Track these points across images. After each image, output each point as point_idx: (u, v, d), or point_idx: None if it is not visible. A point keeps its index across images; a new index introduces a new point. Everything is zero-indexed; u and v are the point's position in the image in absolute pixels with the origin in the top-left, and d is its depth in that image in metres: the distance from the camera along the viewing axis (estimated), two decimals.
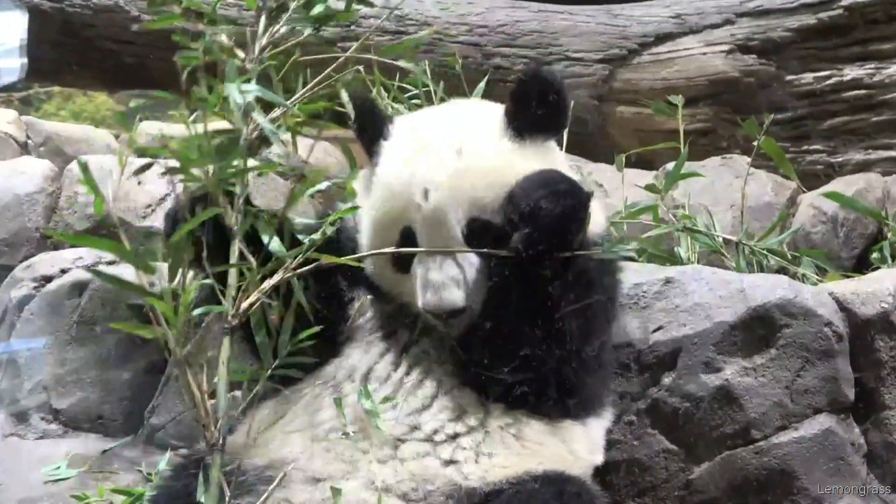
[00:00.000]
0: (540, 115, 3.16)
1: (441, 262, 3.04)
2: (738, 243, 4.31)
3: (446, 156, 3.11)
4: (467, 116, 3.30)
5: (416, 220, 3.09)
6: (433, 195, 3.06)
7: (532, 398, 3.05)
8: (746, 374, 3.56)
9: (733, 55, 6.27)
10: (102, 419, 4.23)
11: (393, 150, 3.24)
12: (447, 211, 3.05)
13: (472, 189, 3.06)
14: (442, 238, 3.06)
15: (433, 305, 3.02)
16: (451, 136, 3.16)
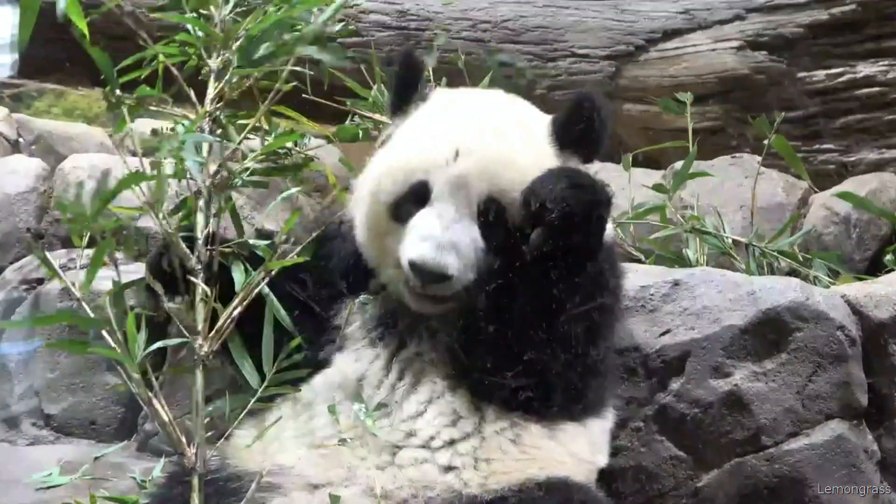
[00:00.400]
0: (582, 137, 3.20)
1: (448, 224, 3.04)
2: (747, 245, 4.31)
3: (487, 131, 3.14)
4: (514, 108, 3.35)
5: (437, 178, 3.08)
6: (463, 159, 3.07)
7: (529, 399, 3.04)
8: (757, 380, 3.56)
9: (743, 51, 6.27)
10: (95, 425, 4.23)
11: (431, 109, 3.27)
12: (471, 179, 3.06)
13: (502, 171, 3.07)
14: (457, 203, 3.06)
15: (424, 259, 2.98)
16: (497, 117, 3.21)
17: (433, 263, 2.97)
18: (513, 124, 3.20)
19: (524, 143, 3.15)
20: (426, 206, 3.08)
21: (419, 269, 2.99)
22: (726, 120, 6.20)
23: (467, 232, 3.03)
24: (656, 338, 3.62)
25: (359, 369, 3.15)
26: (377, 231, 3.19)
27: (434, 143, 3.12)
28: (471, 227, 3.04)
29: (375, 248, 3.21)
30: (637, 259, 4.29)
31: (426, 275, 3.00)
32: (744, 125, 5.96)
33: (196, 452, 2.88)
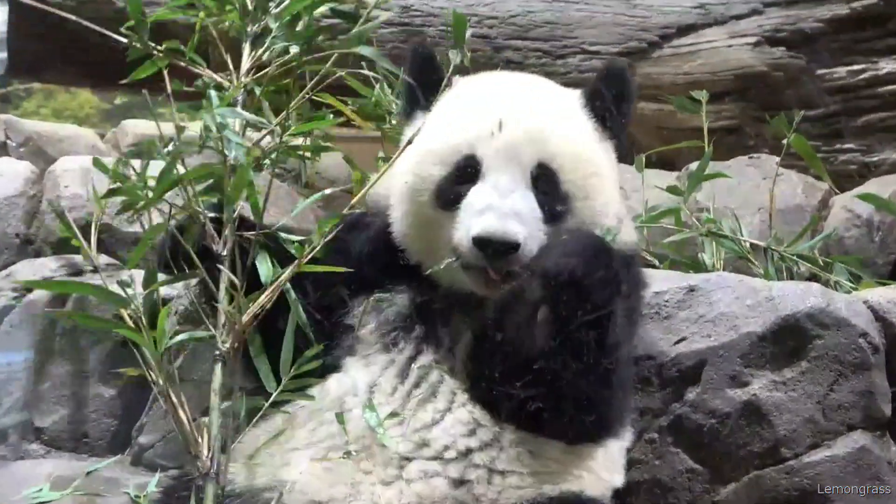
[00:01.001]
0: (611, 111, 3.29)
1: (507, 194, 3.07)
2: (766, 249, 4.31)
3: (525, 101, 3.22)
4: (544, 84, 3.43)
5: (486, 151, 3.13)
6: (509, 128, 3.14)
7: (548, 418, 3.04)
8: (776, 389, 3.56)
9: (761, 47, 6.27)
10: (87, 438, 4.23)
11: (461, 93, 3.31)
12: (521, 146, 3.12)
13: (549, 136, 3.15)
14: (510, 172, 3.11)
15: (491, 230, 2.99)
16: (529, 91, 3.31)
17: (501, 233, 2.99)
18: (547, 96, 3.30)
19: (564, 113, 3.25)
20: (478, 182, 3.12)
21: (487, 242, 3.01)
22: (743, 119, 6.20)
23: (526, 200, 3.08)
24: (671, 346, 3.63)
25: (371, 375, 3.15)
26: (424, 223, 3.21)
27: (476, 116, 3.18)
28: (527, 196, 3.10)
29: (424, 241, 3.22)
30: (651, 264, 4.29)
31: (495, 246, 3.01)
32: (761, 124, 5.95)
33: (211, 457, 2.87)
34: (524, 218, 3.04)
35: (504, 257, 3.01)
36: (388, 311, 3.23)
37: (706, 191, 4.83)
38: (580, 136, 3.22)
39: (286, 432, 3.09)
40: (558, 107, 3.27)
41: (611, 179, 3.29)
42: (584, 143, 3.23)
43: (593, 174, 3.19)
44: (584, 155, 3.20)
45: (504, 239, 2.99)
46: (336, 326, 3.23)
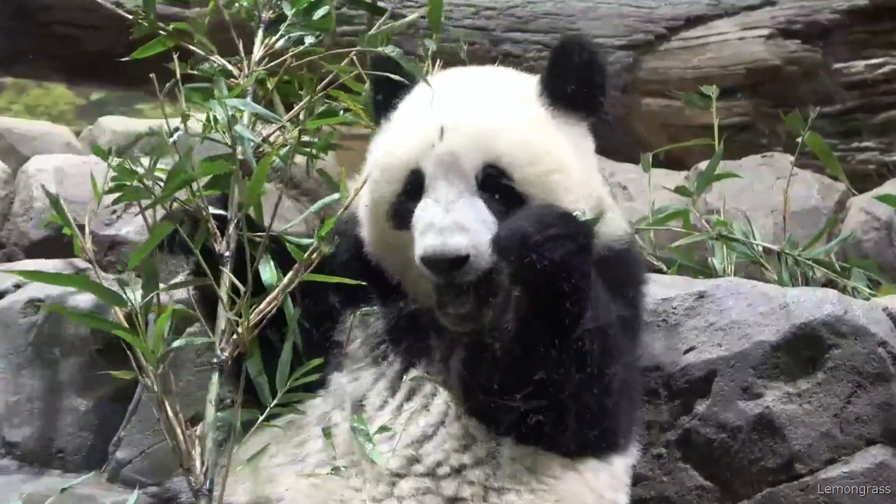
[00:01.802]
0: (574, 90, 3.22)
1: (447, 207, 3.04)
2: (780, 253, 4.32)
3: (471, 102, 3.18)
4: (500, 77, 3.40)
5: (427, 162, 3.10)
6: (449, 135, 3.10)
7: (548, 432, 3.03)
8: (790, 401, 3.57)
9: (774, 40, 6.29)
10: (62, 453, 4.23)
11: (413, 100, 3.29)
12: (462, 152, 3.08)
13: (494, 134, 3.10)
14: (451, 181, 3.08)
15: (433, 249, 2.97)
16: (480, 88, 3.25)
17: (441, 251, 2.97)
18: (498, 91, 3.24)
19: (513, 107, 3.18)
20: (423, 197, 3.10)
21: (431, 261, 3.00)
22: (756, 115, 6.22)
23: (470, 208, 3.05)
24: (680, 355, 3.64)
25: (360, 389, 3.15)
26: (388, 244, 3.22)
27: (420, 126, 3.16)
28: (473, 202, 3.06)
29: (394, 261, 3.23)
30: (658, 269, 4.29)
31: (440, 264, 2.99)
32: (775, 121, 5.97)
33: (205, 472, 2.87)
34: (469, 226, 3.01)
35: (454, 271, 3.00)
36: (376, 324, 3.24)
37: (716, 192, 4.84)
38: (533, 129, 3.14)
39: (271, 447, 3.09)
40: (508, 101, 3.20)
41: (580, 169, 3.20)
42: (539, 135, 3.15)
43: (553, 170, 3.12)
44: (539, 148, 3.13)
45: (445, 256, 2.97)
46: (324, 340, 3.23)
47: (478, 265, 3.00)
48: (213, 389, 2.92)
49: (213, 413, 2.91)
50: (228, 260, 3.01)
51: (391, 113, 3.31)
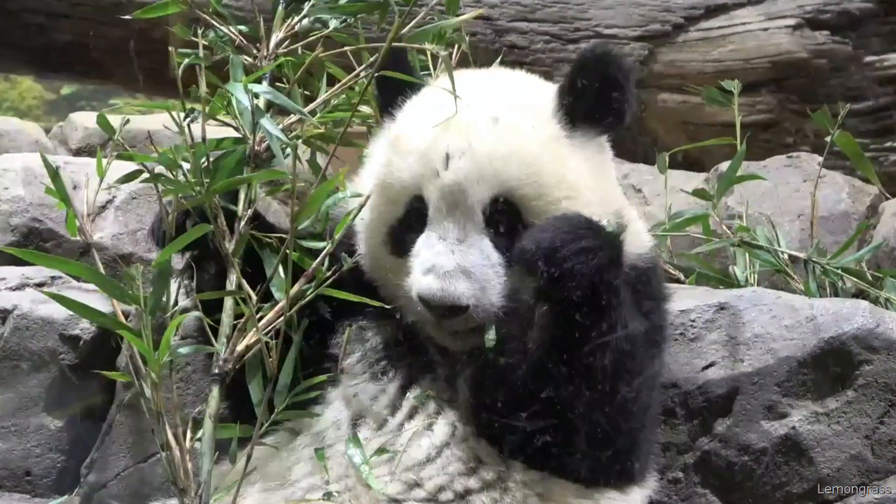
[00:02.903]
0: (598, 104, 3.21)
1: (452, 246, 3.05)
2: (806, 261, 4.32)
3: (479, 122, 3.14)
4: (513, 87, 3.37)
5: (431, 192, 3.10)
6: (455, 163, 3.08)
7: (561, 456, 3.04)
8: (818, 421, 3.57)
9: (801, 31, 6.30)
10: (30, 476, 4.23)
11: (416, 108, 3.29)
12: (469, 185, 3.07)
13: (503, 164, 3.08)
14: (458, 217, 3.08)
15: (431, 293, 2.99)
16: (490, 103, 3.20)
17: (441, 296, 2.99)
18: (511, 107, 3.21)
19: (533, 129, 3.17)
20: (426, 229, 3.10)
21: (429, 304, 3.01)
22: (781, 112, 6.23)
23: (477, 249, 3.06)
24: (698, 372, 3.64)
25: (357, 407, 3.16)
26: (383, 267, 3.22)
27: (421, 149, 3.14)
28: (480, 242, 3.07)
29: (388, 283, 3.23)
30: (675, 278, 4.31)
31: (438, 310, 3.02)
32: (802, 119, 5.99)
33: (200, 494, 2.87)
34: (475, 272, 3.02)
35: (451, 318, 3.03)
36: (375, 337, 3.25)
37: (738, 195, 4.84)
38: (545, 155, 3.13)
39: (258, 470, 3.09)
40: (520, 121, 3.18)
41: (594, 190, 3.20)
42: (551, 162, 3.14)
43: (563, 197, 3.12)
44: (550, 178, 3.12)
45: (444, 303, 2.99)
46: (317, 354, 3.24)
47: (478, 315, 3.02)
48: (212, 403, 2.93)
49: (211, 429, 2.91)
50: (235, 261, 3.02)
51: (395, 112, 3.32)
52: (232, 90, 3.06)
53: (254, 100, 3.04)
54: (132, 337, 2.91)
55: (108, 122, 3.20)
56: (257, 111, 3.01)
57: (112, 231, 4.71)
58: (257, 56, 3.27)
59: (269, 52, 3.24)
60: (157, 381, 2.90)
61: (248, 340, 2.98)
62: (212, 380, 2.97)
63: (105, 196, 4.76)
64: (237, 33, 3.32)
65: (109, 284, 2.98)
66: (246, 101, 3.02)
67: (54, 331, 4.07)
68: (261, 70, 3.21)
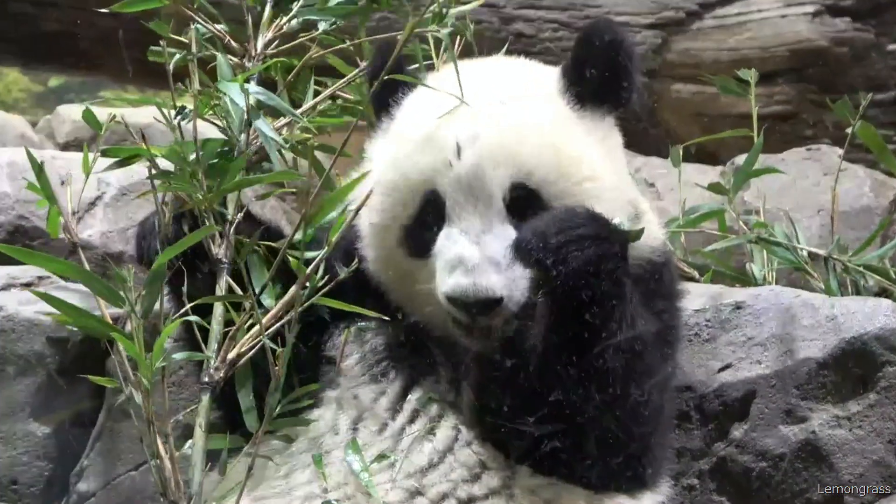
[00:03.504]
0: (602, 81, 3.23)
1: (478, 237, 3.05)
2: (827, 258, 4.32)
3: (486, 107, 3.15)
4: (516, 71, 3.39)
5: (445, 184, 3.10)
6: (468, 152, 3.09)
7: (570, 461, 3.04)
8: (839, 425, 3.57)
9: (821, 18, 6.30)
10: (16, 485, 4.24)
11: (416, 102, 3.30)
12: (486, 172, 3.08)
13: (519, 147, 3.09)
14: (478, 208, 3.08)
15: (462, 290, 2.98)
16: (494, 89, 3.22)
17: (473, 291, 2.98)
18: (516, 91, 3.23)
19: (536, 110, 3.19)
20: (444, 225, 3.10)
21: (461, 302, 3.00)
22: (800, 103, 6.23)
23: (502, 239, 3.05)
24: (713, 374, 3.65)
25: (356, 411, 3.16)
26: (398, 271, 3.22)
27: (429, 142, 3.15)
28: (504, 230, 3.07)
29: (402, 289, 3.23)
30: (689, 276, 4.31)
31: (472, 306, 3.00)
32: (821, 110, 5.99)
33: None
34: (503, 263, 3.01)
35: (486, 314, 3.02)
36: (375, 339, 3.25)
37: (755, 189, 4.85)
38: (561, 135, 3.15)
39: (254, 478, 3.08)
40: (529, 103, 3.20)
41: (612, 173, 3.23)
42: (568, 141, 3.16)
43: (585, 178, 3.14)
44: (569, 157, 3.14)
45: (477, 298, 2.98)
46: (314, 356, 3.24)
47: (511, 307, 3.01)
48: (202, 412, 2.93)
49: (202, 439, 2.92)
50: (225, 266, 3.02)
51: (393, 111, 3.33)
52: (226, 90, 3.07)
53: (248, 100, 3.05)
54: (125, 341, 2.91)
55: (95, 116, 3.20)
56: (252, 112, 3.01)
57: (101, 229, 4.72)
58: (245, 56, 3.28)
59: (258, 53, 3.24)
60: (148, 387, 2.89)
61: (239, 348, 2.98)
62: (202, 388, 2.97)
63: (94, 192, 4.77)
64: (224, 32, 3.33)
65: (99, 285, 2.98)
66: (241, 102, 3.03)
67: (41, 333, 4.07)
68: (250, 70, 3.21)
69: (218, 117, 3.16)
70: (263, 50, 3.30)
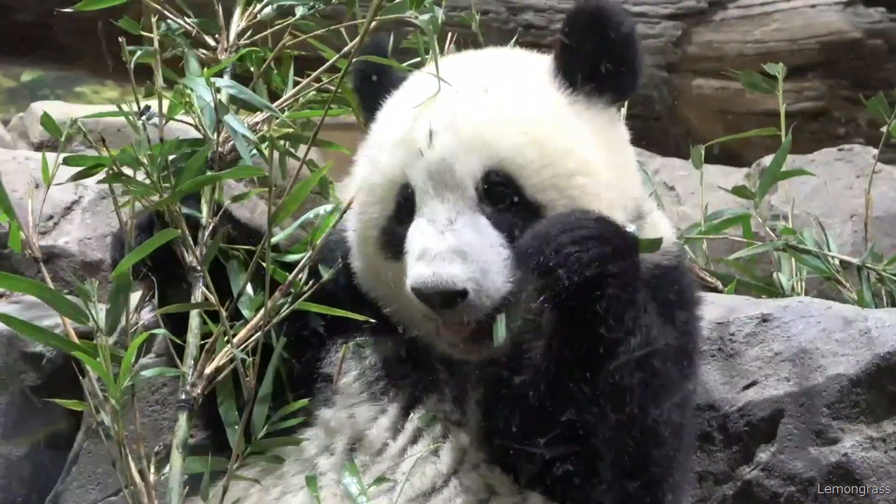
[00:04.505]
0: (595, 67, 3.21)
1: (443, 228, 3.04)
2: (860, 267, 4.33)
3: (467, 95, 3.15)
4: (505, 59, 3.39)
5: (416, 175, 3.10)
6: (440, 139, 3.08)
7: (583, 486, 3.03)
8: (872, 447, 3.58)
9: (854, 8, 6.31)
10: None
11: (397, 99, 3.31)
12: (457, 157, 3.07)
13: (495, 133, 3.08)
14: (447, 197, 3.07)
15: (423, 281, 2.97)
16: (480, 77, 3.21)
17: (433, 282, 2.96)
18: (500, 77, 3.22)
19: (522, 94, 3.17)
20: (415, 217, 3.10)
21: (423, 294, 3.00)
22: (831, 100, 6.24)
23: (471, 228, 3.04)
24: (738, 392, 3.65)
25: (354, 430, 3.16)
26: (381, 278, 3.22)
27: (404, 134, 3.15)
28: (475, 220, 3.06)
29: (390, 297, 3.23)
30: (712, 287, 4.31)
31: (433, 297, 2.99)
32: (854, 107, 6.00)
33: None
34: (471, 253, 3.00)
35: (453, 307, 3.00)
36: (374, 355, 3.25)
37: (783, 193, 4.85)
38: (545, 121, 3.13)
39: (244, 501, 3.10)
40: (512, 88, 3.19)
41: (610, 168, 3.19)
42: (553, 128, 3.14)
43: (575, 172, 3.10)
44: (555, 145, 3.11)
45: (438, 288, 2.96)
46: (309, 372, 3.25)
47: (482, 301, 3.00)
48: (179, 433, 2.93)
49: (179, 461, 2.92)
50: (201, 274, 3.03)
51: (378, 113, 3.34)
52: (192, 84, 3.07)
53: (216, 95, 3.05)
54: (89, 360, 2.91)
55: (54, 122, 3.21)
56: (220, 107, 3.02)
57: (78, 235, 4.73)
58: (217, 48, 3.28)
59: (230, 44, 3.25)
60: (117, 407, 2.89)
61: (217, 362, 2.98)
62: (178, 406, 2.98)
63: (71, 196, 4.78)
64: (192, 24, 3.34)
65: (61, 302, 2.97)
66: (208, 97, 3.03)
67: (15, 348, 4.09)
68: (222, 63, 3.22)
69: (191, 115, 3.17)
70: (236, 41, 3.30)
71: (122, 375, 2.87)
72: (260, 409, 3.01)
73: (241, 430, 2.99)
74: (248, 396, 2.95)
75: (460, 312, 3.00)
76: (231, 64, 3.26)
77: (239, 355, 2.92)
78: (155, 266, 3.09)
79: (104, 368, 2.87)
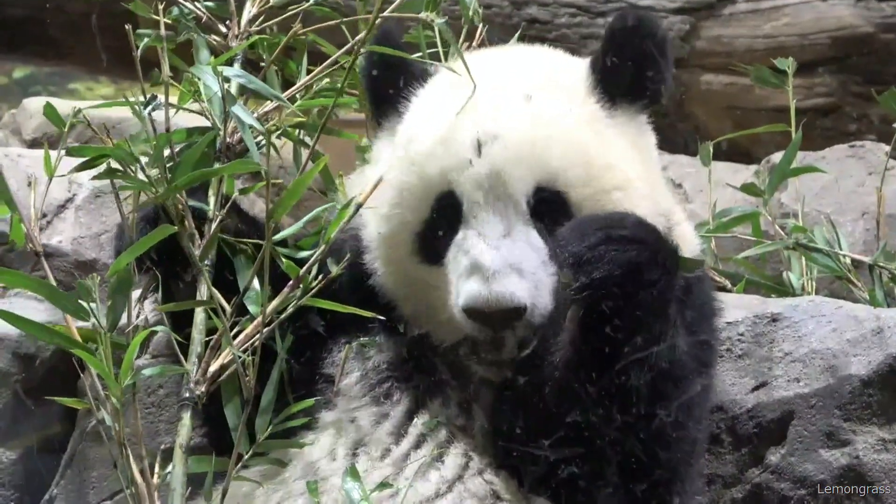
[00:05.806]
0: (635, 77, 3.25)
1: (497, 242, 3.04)
2: (872, 266, 4.33)
3: (509, 102, 3.16)
4: (539, 62, 3.40)
5: (463, 184, 3.10)
6: (490, 149, 3.09)
7: (589, 492, 3.05)
8: (885, 450, 3.58)
9: (865, 2, 6.31)
10: None
11: (430, 97, 3.30)
12: (509, 171, 3.08)
13: (545, 147, 3.10)
14: (499, 210, 3.08)
15: (482, 300, 2.96)
16: (517, 81, 3.23)
17: (494, 300, 2.96)
18: (542, 84, 3.24)
19: (564, 106, 3.19)
20: (460, 227, 3.11)
21: (479, 314, 3.00)
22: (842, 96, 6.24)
23: (525, 243, 3.06)
24: (747, 393, 3.66)
25: (356, 434, 3.17)
26: (409, 281, 3.23)
27: (449, 136, 3.15)
28: (528, 234, 3.08)
29: (413, 299, 3.25)
30: (721, 286, 4.32)
31: (491, 318, 2.99)
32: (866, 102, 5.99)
33: None
34: (526, 267, 3.01)
35: (507, 326, 3.02)
36: (378, 356, 3.26)
37: (793, 190, 4.85)
38: (590, 136, 3.16)
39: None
40: (556, 98, 3.20)
41: (645, 180, 3.23)
42: (597, 144, 3.17)
43: (615, 187, 3.14)
44: (599, 161, 3.14)
45: (499, 307, 2.97)
46: (310, 373, 3.25)
47: (535, 319, 3.02)
48: (183, 432, 2.93)
49: (182, 461, 2.92)
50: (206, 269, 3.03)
51: (401, 109, 3.33)
52: (199, 73, 3.08)
53: (224, 84, 3.05)
54: (89, 357, 2.91)
55: (57, 113, 3.21)
56: (228, 97, 3.02)
57: (72, 234, 4.74)
58: (227, 35, 3.29)
59: (241, 31, 3.26)
60: (118, 407, 2.90)
61: (222, 360, 2.99)
62: (181, 405, 2.98)
63: (65, 194, 4.79)
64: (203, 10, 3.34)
65: (62, 298, 2.98)
66: (215, 86, 3.03)
67: (7, 349, 4.08)
68: (231, 50, 3.22)
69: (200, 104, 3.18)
70: (248, 27, 3.31)
71: (122, 373, 2.87)
72: (264, 410, 3.01)
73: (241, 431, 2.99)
74: (247, 396, 2.95)
75: (516, 329, 3.02)
76: (242, 51, 3.25)
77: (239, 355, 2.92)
78: (158, 260, 3.10)
79: (105, 366, 2.87)
